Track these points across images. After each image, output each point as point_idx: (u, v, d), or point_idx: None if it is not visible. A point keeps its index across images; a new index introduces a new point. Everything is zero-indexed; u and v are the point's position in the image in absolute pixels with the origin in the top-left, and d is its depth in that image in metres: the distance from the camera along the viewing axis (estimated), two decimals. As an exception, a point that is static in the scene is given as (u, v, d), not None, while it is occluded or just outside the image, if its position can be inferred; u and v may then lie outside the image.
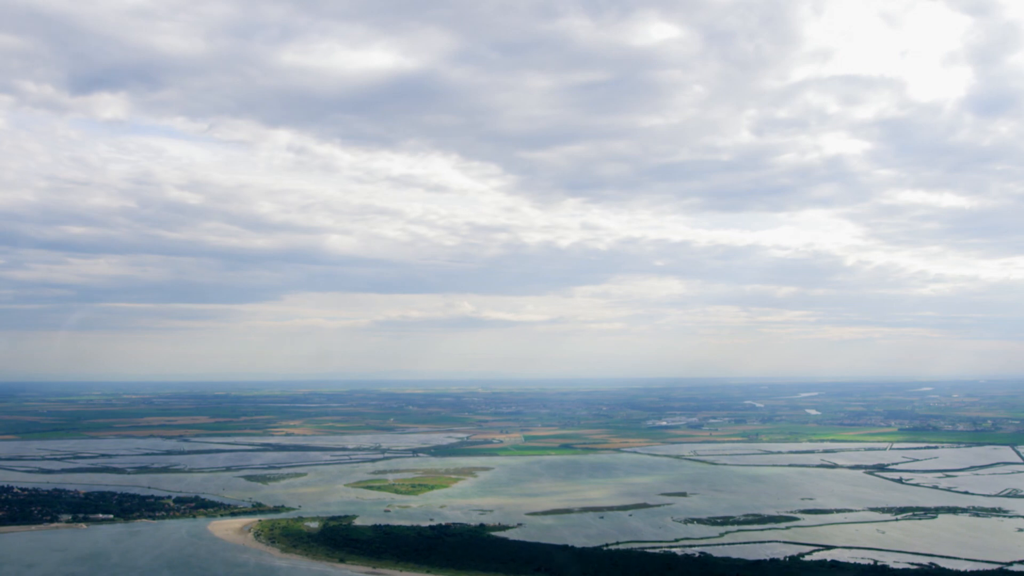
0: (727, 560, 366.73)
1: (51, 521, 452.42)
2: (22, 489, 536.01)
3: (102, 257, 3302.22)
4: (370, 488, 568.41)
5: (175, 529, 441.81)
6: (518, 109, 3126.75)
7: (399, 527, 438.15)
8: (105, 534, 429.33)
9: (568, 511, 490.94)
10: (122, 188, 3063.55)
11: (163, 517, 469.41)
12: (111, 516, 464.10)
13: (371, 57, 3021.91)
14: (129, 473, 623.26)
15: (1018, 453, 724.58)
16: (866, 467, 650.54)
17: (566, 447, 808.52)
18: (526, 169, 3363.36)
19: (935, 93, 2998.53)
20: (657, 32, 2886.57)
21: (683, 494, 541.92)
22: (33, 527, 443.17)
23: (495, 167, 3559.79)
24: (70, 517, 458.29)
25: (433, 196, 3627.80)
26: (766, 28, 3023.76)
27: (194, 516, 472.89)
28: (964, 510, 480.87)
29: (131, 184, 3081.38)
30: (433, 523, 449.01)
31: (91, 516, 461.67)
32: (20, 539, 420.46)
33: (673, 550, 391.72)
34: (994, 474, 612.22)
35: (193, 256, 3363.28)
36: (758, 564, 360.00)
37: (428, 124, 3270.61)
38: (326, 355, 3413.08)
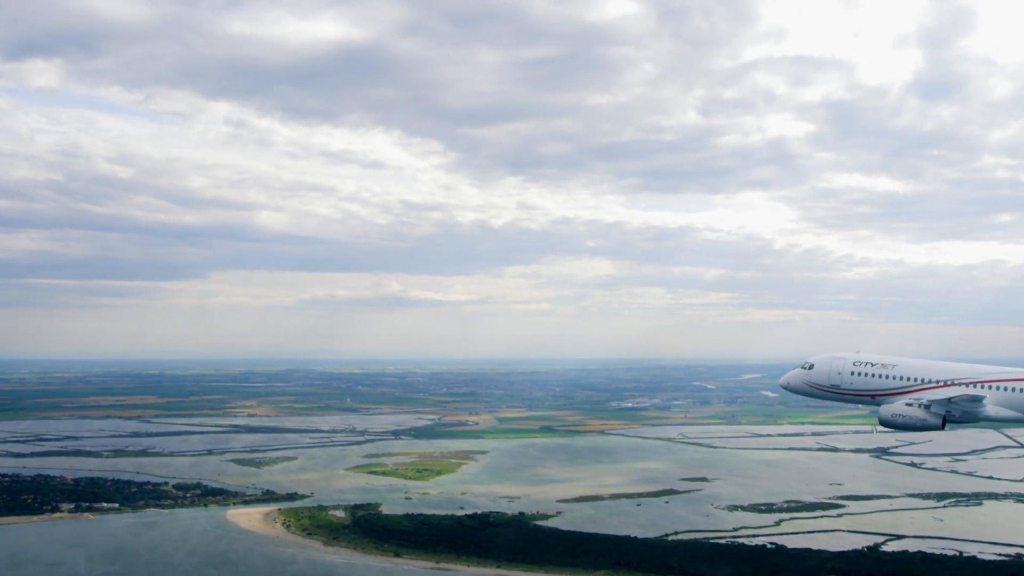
0: (807, 551, 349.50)
1: (52, 511, 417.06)
2: (2, 475, 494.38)
3: (23, 232, 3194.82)
4: (373, 473, 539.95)
5: (192, 519, 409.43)
6: (466, 84, 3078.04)
7: (434, 516, 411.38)
8: (118, 526, 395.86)
9: (598, 498, 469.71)
10: (49, 160, 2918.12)
11: (171, 506, 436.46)
12: (116, 505, 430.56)
13: (319, 27, 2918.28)
14: (107, 457, 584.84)
15: (1006, 435, 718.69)
16: (868, 451, 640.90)
17: (548, 430, 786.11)
18: (468, 147, 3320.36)
19: (883, 76, 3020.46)
20: (615, 7, 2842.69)
21: (704, 479, 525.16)
22: (35, 518, 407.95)
23: (437, 144, 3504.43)
24: (72, 507, 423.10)
25: (369, 173, 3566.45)
26: (723, 5, 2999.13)
27: (205, 505, 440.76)
28: (1004, 496, 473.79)
29: (59, 156, 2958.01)
30: (466, 512, 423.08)
31: (95, 505, 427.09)
32: (26, 532, 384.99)
33: (739, 540, 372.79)
34: (1001, 458, 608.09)
35: (119, 232, 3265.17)
36: (843, 555, 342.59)
37: (372, 98, 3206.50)
38: (252, 334, 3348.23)
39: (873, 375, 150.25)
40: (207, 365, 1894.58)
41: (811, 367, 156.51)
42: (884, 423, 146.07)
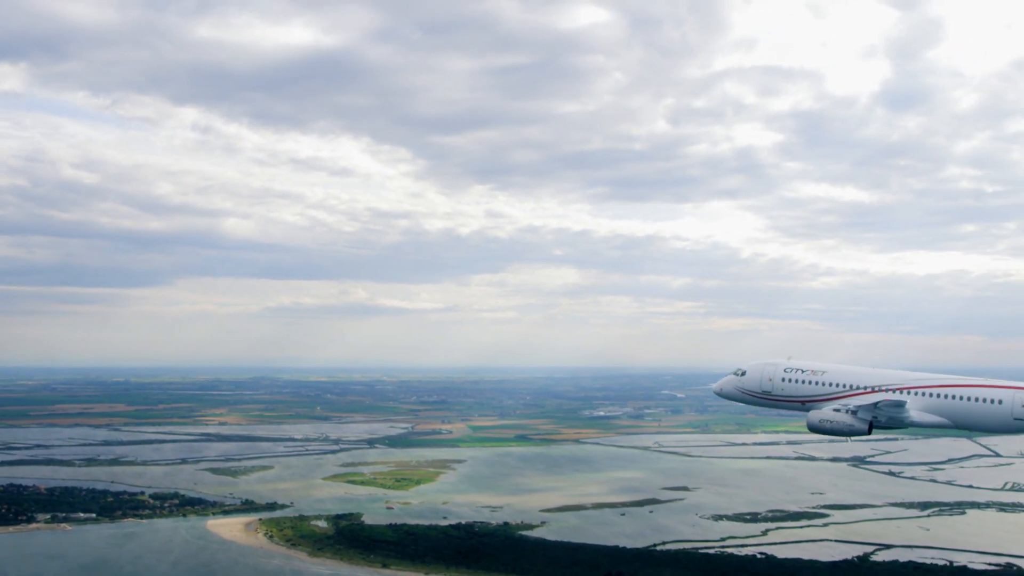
0: (797, 562, 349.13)
1: (28, 521, 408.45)
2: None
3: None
4: (351, 483, 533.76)
5: (171, 530, 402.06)
6: (436, 92, 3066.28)
7: (418, 527, 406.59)
8: (97, 537, 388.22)
9: (581, 507, 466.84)
10: (13, 166, 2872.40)
11: (149, 516, 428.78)
12: (93, 515, 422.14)
13: (290, 33, 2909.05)
14: (79, 466, 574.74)
15: (979, 444, 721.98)
16: (844, 459, 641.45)
17: (522, 438, 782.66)
18: (436, 154, 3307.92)
19: (851, 86, 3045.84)
20: (586, 15, 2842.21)
21: (686, 488, 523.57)
22: (10, 528, 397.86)
23: (405, 151, 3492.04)
24: (48, 517, 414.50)
25: (336, 180, 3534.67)
26: (695, 15, 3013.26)
27: (184, 515, 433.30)
28: (986, 505, 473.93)
29: (23, 161, 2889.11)
30: (450, 522, 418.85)
31: (71, 516, 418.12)
32: (1, 543, 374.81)
33: (728, 550, 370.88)
34: (978, 467, 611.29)
35: (84, 238, 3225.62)
36: (835, 566, 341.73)
37: (341, 105, 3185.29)
38: (217, 342, 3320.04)
39: (803, 381, 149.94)
40: (173, 373, 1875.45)
41: (743, 374, 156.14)
42: (812, 428, 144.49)
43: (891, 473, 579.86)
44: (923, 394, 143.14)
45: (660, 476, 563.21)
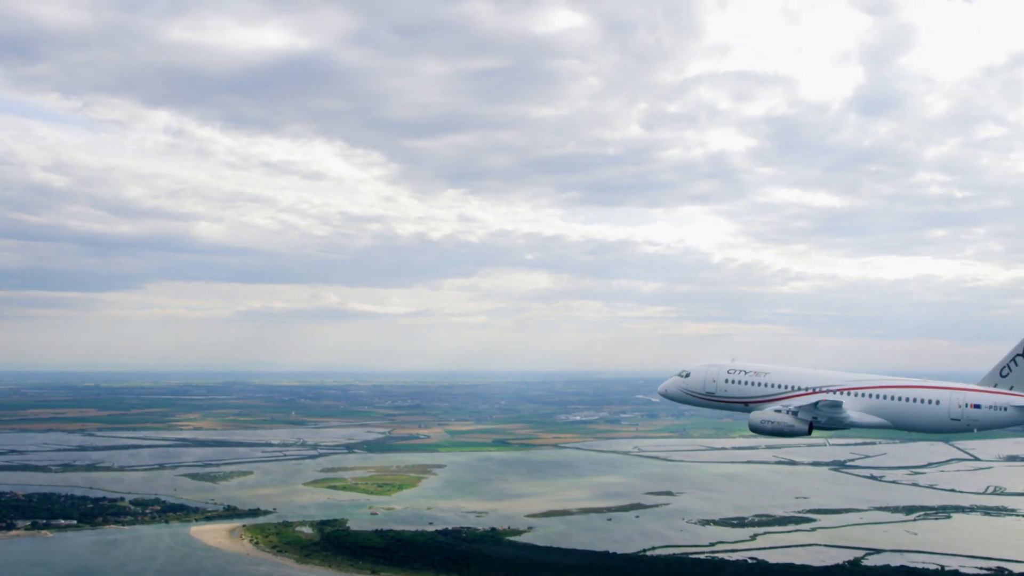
0: (789, 567, 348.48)
1: (7, 528, 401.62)
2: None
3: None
4: (333, 488, 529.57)
5: (155, 537, 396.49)
6: (410, 95, 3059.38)
7: (404, 532, 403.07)
8: (79, 544, 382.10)
9: (567, 512, 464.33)
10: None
11: (131, 522, 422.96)
12: (74, 522, 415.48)
13: (264, 36, 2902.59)
14: (55, 471, 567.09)
15: (957, 448, 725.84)
16: (826, 464, 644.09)
17: (501, 443, 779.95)
18: (410, 158, 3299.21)
19: (824, 92, 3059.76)
20: (561, 19, 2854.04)
21: (670, 493, 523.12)
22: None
23: (379, 155, 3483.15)
24: (28, 524, 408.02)
25: (309, 184, 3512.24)
26: (670, 20, 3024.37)
27: (166, 521, 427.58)
28: (970, 509, 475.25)
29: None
30: (436, 528, 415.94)
31: (52, 522, 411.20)
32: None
33: (718, 555, 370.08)
34: (958, 471, 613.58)
35: (54, 241, 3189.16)
36: (827, 571, 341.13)
37: (315, 108, 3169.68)
38: (187, 346, 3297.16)
39: (746, 383, 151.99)
40: (144, 377, 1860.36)
41: (688, 375, 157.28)
42: (754, 429, 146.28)
43: (873, 477, 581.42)
44: (863, 395, 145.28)
45: (643, 481, 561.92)
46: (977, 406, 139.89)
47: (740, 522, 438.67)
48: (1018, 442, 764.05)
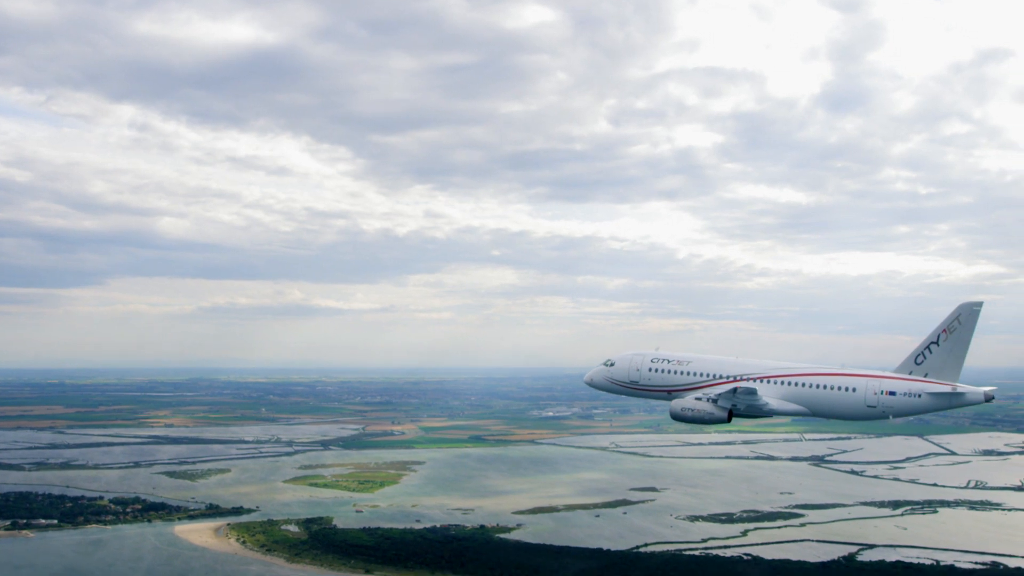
0: (786, 563, 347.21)
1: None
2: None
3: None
4: (313, 485, 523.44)
5: (139, 536, 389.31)
6: (378, 91, 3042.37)
7: (392, 530, 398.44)
8: (62, 544, 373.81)
9: (553, 509, 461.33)
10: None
11: (113, 522, 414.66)
12: (55, 521, 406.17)
13: (231, 30, 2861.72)
14: (29, 470, 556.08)
15: (932, 443, 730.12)
16: (804, 459, 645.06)
17: (477, 439, 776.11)
18: (377, 154, 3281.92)
19: (792, 88, 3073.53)
20: (532, 14, 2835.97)
21: (654, 489, 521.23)
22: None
23: (345, 151, 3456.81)
24: (8, 523, 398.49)
25: (274, 179, 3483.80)
26: (640, 15, 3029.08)
27: (149, 520, 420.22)
28: (955, 503, 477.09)
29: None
30: (424, 525, 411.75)
31: (32, 522, 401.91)
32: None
33: (712, 552, 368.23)
34: (937, 465, 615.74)
35: (15, 237, 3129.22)
36: (824, 567, 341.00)
37: (282, 103, 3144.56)
38: (150, 343, 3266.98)
39: (669, 371, 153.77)
40: (107, 374, 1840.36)
41: (612, 364, 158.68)
42: (674, 416, 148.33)
43: (854, 472, 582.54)
44: (782, 383, 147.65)
45: (625, 477, 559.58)
46: (892, 393, 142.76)
47: (729, 518, 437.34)
48: (991, 436, 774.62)
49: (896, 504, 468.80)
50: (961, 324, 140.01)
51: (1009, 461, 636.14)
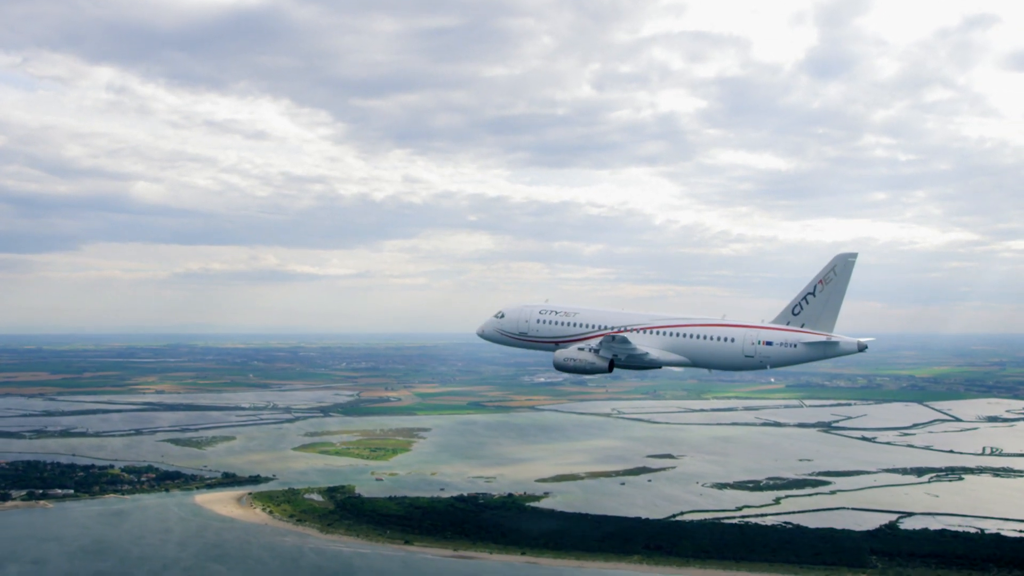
0: (831, 531, 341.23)
1: (2, 499, 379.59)
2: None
3: None
4: (325, 453, 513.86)
5: (161, 506, 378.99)
6: (361, 54, 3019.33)
7: (419, 499, 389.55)
8: (82, 515, 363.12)
9: (576, 477, 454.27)
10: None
11: (130, 491, 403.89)
12: (72, 491, 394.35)
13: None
14: (31, 438, 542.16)
15: (934, 409, 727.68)
16: (811, 425, 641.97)
17: (476, 406, 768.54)
18: (357, 117, 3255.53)
19: (777, 54, 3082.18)
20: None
21: (671, 456, 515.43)
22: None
23: (326, 114, 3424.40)
24: (24, 493, 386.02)
25: (252, 144, 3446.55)
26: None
27: (166, 490, 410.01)
28: (978, 470, 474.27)
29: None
30: (449, 494, 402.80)
31: (48, 492, 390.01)
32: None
33: (750, 520, 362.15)
34: (946, 432, 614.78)
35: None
36: (873, 535, 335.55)
37: (263, 66, 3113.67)
38: (124, 308, 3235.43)
39: (556, 323, 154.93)
40: (84, 340, 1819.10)
41: (503, 316, 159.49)
42: (557, 366, 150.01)
43: (865, 439, 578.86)
44: (663, 334, 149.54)
45: (639, 444, 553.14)
46: (769, 343, 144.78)
47: (756, 486, 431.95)
48: (989, 402, 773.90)
49: (920, 471, 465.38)
50: (837, 275, 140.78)
51: (1016, 428, 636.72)
